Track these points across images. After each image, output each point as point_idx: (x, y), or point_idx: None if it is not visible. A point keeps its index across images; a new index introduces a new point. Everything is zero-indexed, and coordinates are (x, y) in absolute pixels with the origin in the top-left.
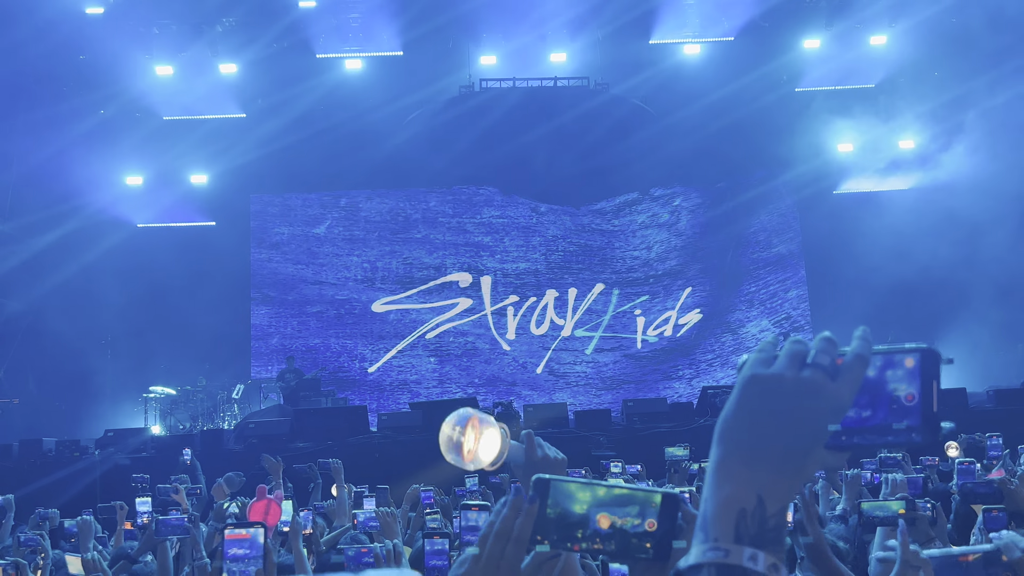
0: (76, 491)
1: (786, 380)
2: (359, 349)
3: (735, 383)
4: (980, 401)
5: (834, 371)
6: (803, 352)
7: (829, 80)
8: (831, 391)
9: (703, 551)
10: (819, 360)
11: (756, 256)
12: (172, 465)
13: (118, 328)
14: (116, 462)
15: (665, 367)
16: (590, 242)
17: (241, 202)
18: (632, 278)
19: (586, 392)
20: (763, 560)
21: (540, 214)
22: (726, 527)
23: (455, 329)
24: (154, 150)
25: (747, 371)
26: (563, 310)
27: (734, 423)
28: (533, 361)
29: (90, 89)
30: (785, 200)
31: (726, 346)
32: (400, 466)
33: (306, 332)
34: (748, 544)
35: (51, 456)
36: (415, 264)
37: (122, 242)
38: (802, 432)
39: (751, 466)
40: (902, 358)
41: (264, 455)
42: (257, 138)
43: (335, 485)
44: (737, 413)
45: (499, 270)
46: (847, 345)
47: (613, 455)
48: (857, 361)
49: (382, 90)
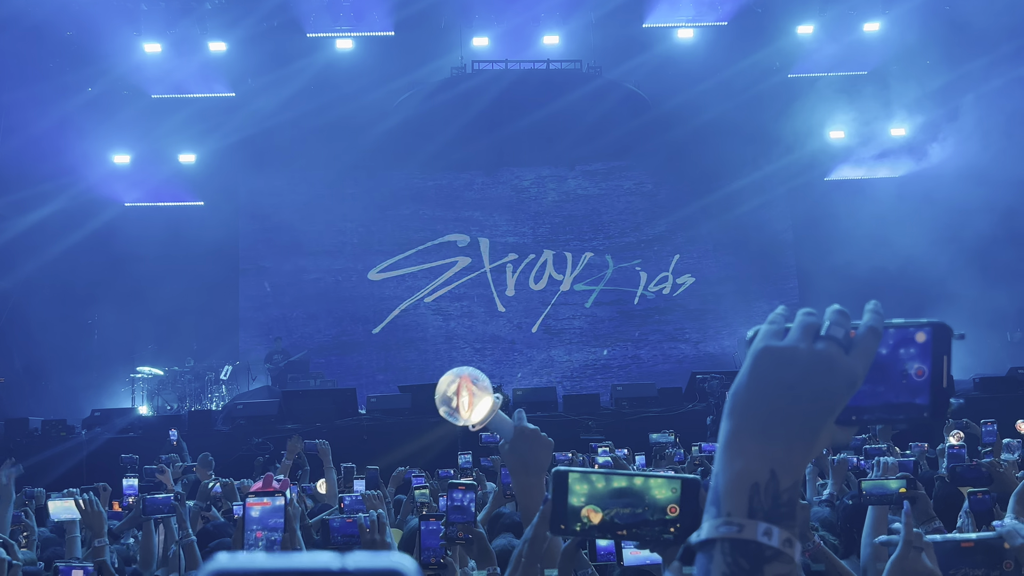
0: (62, 471)
1: (800, 352)
2: (361, 312)
3: (747, 355)
4: (967, 389)
5: (848, 344)
6: (816, 325)
7: (822, 67)
8: (845, 364)
9: (715, 526)
10: (833, 333)
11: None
12: (159, 445)
13: (105, 308)
14: (104, 441)
15: (669, 328)
16: (576, 212)
17: (230, 182)
18: (624, 243)
19: (580, 348)
20: (778, 535)
21: (528, 184)
22: (739, 501)
23: (452, 292)
24: (142, 128)
25: (760, 343)
26: (562, 266)
27: (746, 396)
28: (528, 321)
29: (77, 66)
30: (776, 187)
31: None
32: (389, 448)
33: (304, 301)
34: (762, 519)
35: (37, 436)
36: (411, 228)
37: (109, 221)
38: (816, 406)
39: (764, 440)
40: (913, 333)
41: (295, 436)
42: (247, 117)
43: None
44: (750, 385)
45: (494, 241)
46: (858, 319)
47: (601, 438)
48: (870, 334)
49: (373, 70)
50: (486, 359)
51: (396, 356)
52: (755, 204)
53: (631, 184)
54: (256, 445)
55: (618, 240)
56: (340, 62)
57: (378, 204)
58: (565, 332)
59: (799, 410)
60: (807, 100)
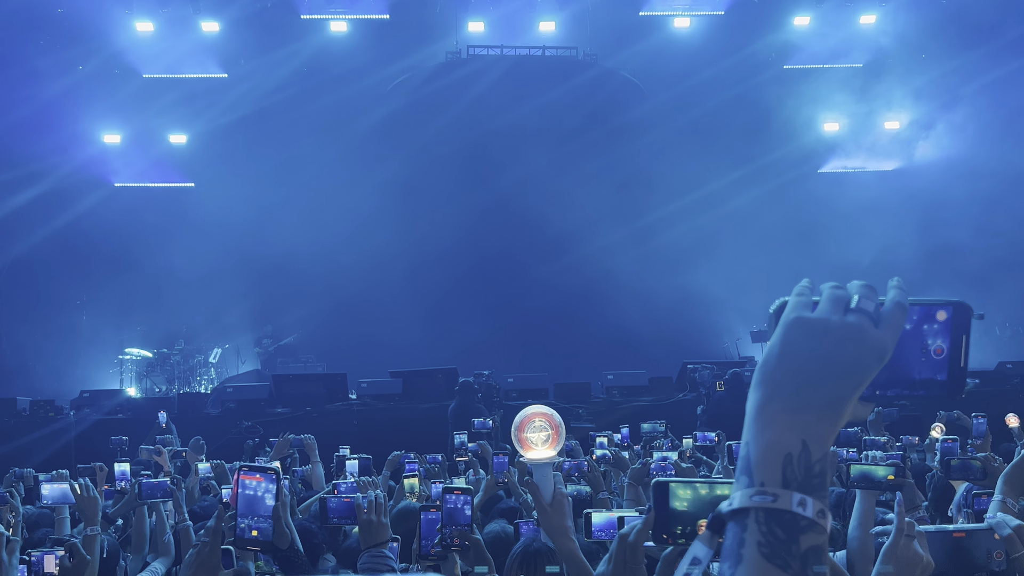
0: (50, 451)
1: (832, 324)
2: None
3: (777, 326)
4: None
5: (877, 317)
6: (845, 297)
7: (818, 59)
8: (876, 337)
9: (749, 495)
10: (863, 306)
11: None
12: (148, 427)
13: (94, 289)
14: (93, 422)
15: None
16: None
17: (220, 163)
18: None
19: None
20: (812, 505)
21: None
22: (772, 472)
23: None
24: (133, 108)
25: (791, 314)
26: None
27: (777, 366)
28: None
29: (68, 44)
30: (771, 179)
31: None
32: (380, 434)
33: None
34: (796, 489)
35: (25, 416)
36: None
37: (100, 202)
38: (847, 377)
39: (795, 411)
40: (934, 311)
41: (284, 436)
42: (239, 99)
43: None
44: (781, 356)
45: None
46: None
47: (592, 427)
48: (898, 309)
49: (367, 53)
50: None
51: (390, 342)
52: (749, 196)
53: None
54: (246, 429)
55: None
56: (334, 45)
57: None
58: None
59: (830, 381)
60: (802, 92)
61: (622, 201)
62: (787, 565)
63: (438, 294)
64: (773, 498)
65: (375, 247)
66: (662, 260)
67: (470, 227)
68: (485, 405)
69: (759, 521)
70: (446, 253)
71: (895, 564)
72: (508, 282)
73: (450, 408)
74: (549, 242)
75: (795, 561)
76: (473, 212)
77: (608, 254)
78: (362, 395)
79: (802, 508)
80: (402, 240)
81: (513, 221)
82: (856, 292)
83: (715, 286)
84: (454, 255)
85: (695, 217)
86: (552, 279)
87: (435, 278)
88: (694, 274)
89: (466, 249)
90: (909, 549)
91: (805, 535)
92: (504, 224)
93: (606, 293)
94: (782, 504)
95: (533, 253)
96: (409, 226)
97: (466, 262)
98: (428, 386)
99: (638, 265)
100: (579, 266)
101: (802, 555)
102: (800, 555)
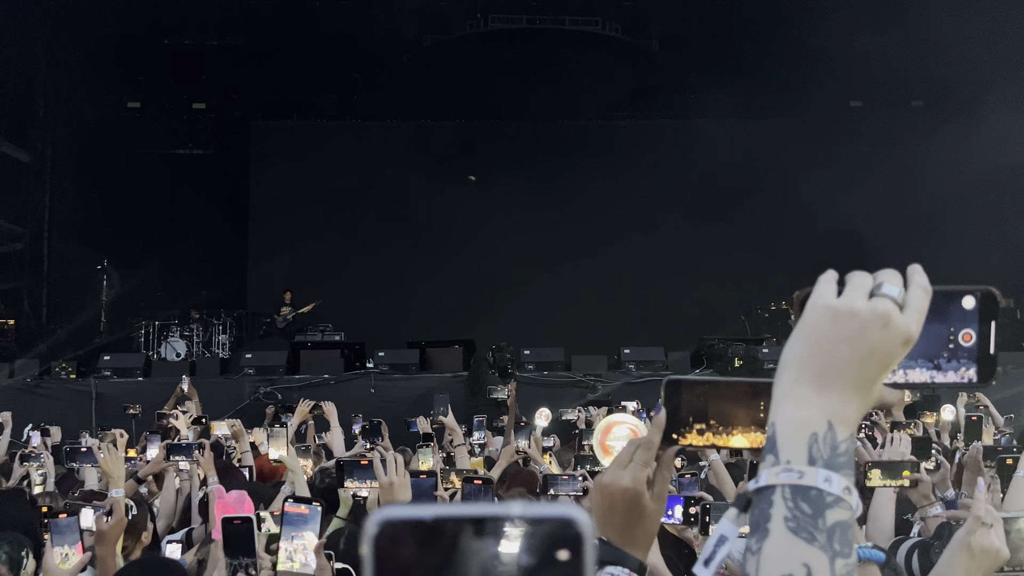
0: (72, 414)
1: (858, 308)
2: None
3: (804, 310)
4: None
5: (902, 302)
6: (869, 284)
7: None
8: (901, 321)
9: (775, 472)
10: (887, 291)
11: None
12: (168, 391)
13: (115, 254)
14: (113, 385)
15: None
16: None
17: (241, 130)
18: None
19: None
20: (838, 482)
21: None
22: (798, 450)
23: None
24: (154, 74)
25: (818, 299)
26: None
27: (804, 348)
28: None
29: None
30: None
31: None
32: (396, 402)
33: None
34: (822, 467)
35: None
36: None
37: (121, 168)
38: (873, 360)
39: (821, 391)
40: (960, 297)
41: (304, 401)
42: (259, 66)
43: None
44: (808, 338)
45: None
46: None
47: (608, 400)
48: (922, 292)
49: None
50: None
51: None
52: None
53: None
54: (264, 395)
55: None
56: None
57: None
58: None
59: (856, 364)
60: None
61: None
62: (813, 539)
63: (460, 266)
64: (799, 475)
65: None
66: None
67: (490, 200)
68: (500, 377)
69: (785, 497)
70: (469, 226)
71: (968, 554)
72: (526, 253)
73: (465, 380)
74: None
75: (821, 535)
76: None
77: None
78: (379, 364)
79: (828, 484)
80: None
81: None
82: (880, 278)
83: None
84: (476, 228)
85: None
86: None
87: (457, 250)
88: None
89: (488, 222)
90: (986, 538)
91: (831, 510)
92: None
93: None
94: (808, 480)
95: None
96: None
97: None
98: (445, 357)
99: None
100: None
101: (828, 529)
102: (826, 529)
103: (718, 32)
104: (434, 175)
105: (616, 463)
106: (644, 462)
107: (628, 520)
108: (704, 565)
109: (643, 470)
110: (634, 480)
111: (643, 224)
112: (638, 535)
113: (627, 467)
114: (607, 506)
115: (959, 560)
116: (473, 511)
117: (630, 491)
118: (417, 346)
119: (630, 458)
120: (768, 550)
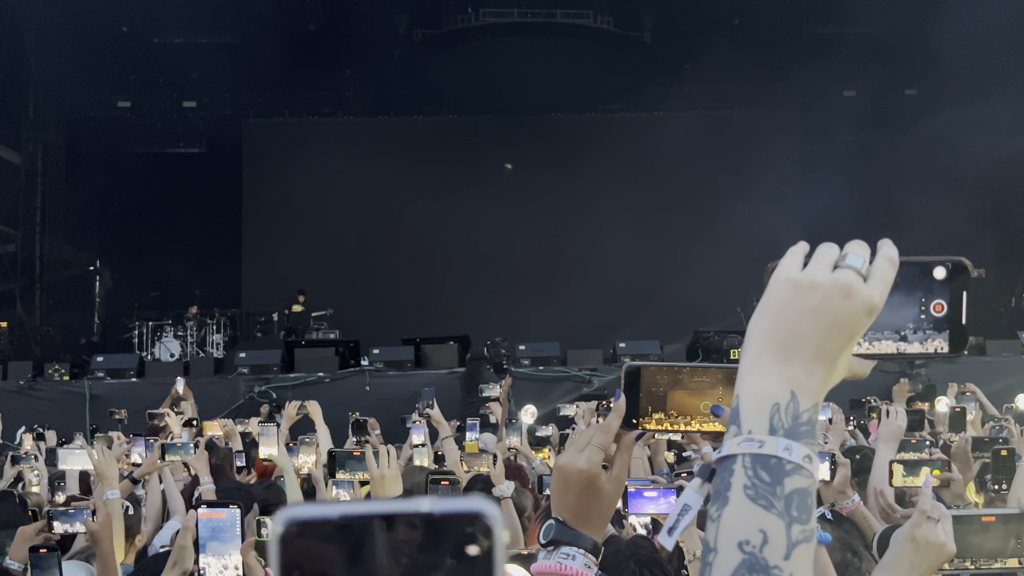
0: (66, 415)
1: (820, 279)
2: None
3: (768, 283)
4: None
5: (867, 273)
6: (835, 256)
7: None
8: (864, 291)
9: (737, 442)
10: (851, 262)
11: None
12: (163, 392)
13: (108, 254)
14: (107, 386)
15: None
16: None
17: (232, 128)
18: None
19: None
20: (798, 450)
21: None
22: (760, 420)
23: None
24: (145, 73)
25: (781, 272)
26: None
27: (767, 321)
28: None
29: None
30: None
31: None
32: (391, 399)
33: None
34: (783, 436)
35: (40, 380)
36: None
37: (112, 166)
38: (835, 331)
39: (784, 363)
40: (930, 268)
41: (291, 403)
42: (250, 64)
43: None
44: (771, 311)
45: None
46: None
47: (603, 394)
48: (886, 263)
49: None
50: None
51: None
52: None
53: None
54: (259, 394)
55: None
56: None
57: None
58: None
59: (819, 335)
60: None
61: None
62: (771, 505)
63: (453, 262)
64: (760, 444)
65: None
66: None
67: (483, 195)
68: (495, 372)
69: (745, 466)
70: (463, 222)
71: (913, 547)
72: (521, 248)
73: (460, 376)
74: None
75: (779, 502)
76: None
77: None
78: (374, 361)
79: (788, 452)
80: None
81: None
82: (846, 249)
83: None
84: (470, 224)
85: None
86: (563, 243)
87: (451, 246)
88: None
89: (482, 217)
90: (931, 532)
91: (790, 478)
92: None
93: (618, 259)
94: (768, 449)
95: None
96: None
97: (481, 230)
98: (440, 353)
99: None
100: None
101: (786, 497)
102: (784, 496)
103: (710, 23)
104: (427, 170)
105: (574, 445)
106: (601, 445)
107: (582, 501)
108: (668, 533)
109: (599, 453)
110: (589, 462)
111: (637, 217)
112: (592, 516)
113: (584, 449)
114: (563, 487)
115: (904, 552)
116: (381, 508)
117: (584, 472)
118: (412, 343)
119: (588, 441)
120: (727, 517)
